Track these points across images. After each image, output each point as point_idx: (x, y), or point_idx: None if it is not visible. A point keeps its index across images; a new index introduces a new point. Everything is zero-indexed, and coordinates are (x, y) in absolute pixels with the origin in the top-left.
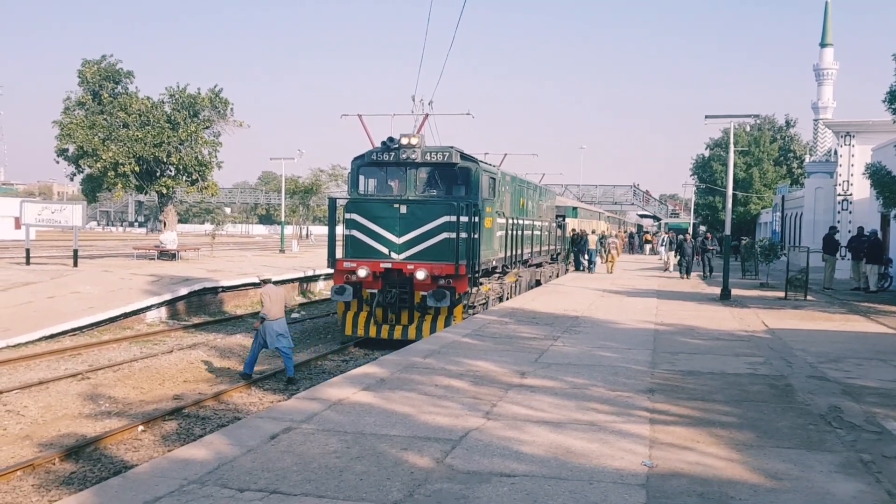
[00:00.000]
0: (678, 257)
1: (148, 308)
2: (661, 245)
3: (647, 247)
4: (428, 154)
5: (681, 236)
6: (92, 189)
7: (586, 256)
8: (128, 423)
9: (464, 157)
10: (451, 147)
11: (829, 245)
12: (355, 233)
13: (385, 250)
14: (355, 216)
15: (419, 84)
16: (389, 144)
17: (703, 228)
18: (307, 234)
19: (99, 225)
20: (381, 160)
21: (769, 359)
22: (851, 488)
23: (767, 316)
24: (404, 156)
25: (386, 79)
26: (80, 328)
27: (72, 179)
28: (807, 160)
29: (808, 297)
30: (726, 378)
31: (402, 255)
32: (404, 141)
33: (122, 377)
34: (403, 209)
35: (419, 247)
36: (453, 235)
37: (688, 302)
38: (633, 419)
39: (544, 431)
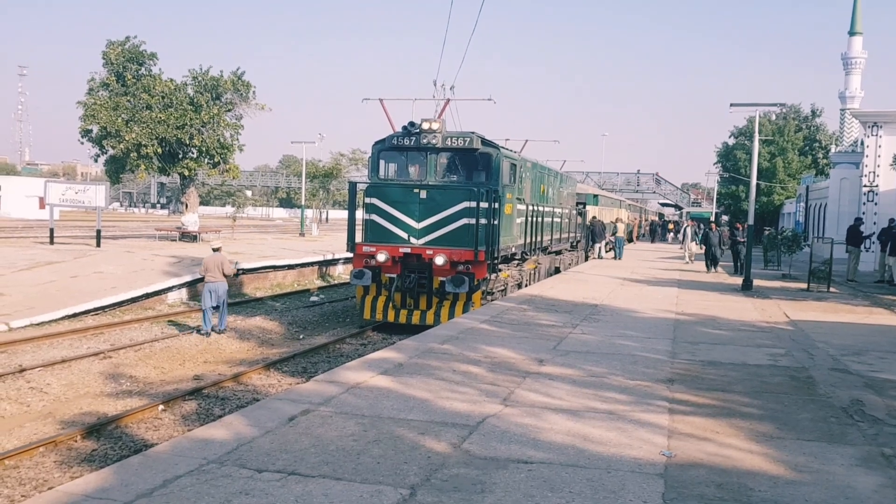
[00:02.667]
0: (703, 248)
1: (169, 289)
2: (682, 234)
3: (669, 235)
4: (449, 139)
5: (704, 226)
6: (115, 170)
7: (603, 244)
8: (148, 402)
9: (485, 142)
10: (473, 132)
11: (854, 236)
12: (375, 217)
13: (404, 235)
14: (375, 201)
15: (441, 69)
16: (410, 129)
17: (725, 218)
18: (326, 218)
19: (122, 206)
20: (401, 145)
21: (791, 350)
22: (872, 482)
23: (789, 307)
24: (425, 141)
25: (408, 63)
26: (103, 308)
27: (96, 160)
28: (832, 150)
29: (832, 289)
30: (747, 369)
31: (422, 241)
32: (425, 126)
33: (143, 357)
34: (423, 194)
35: (439, 232)
36: (473, 221)
37: (709, 292)
38: (651, 409)
39: (562, 419)
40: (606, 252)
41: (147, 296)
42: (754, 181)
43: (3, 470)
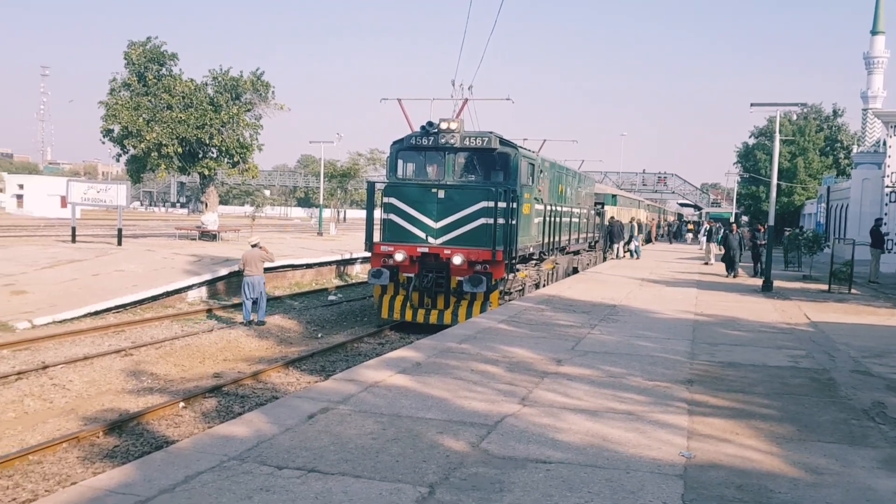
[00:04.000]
0: (722, 251)
1: (189, 287)
2: (703, 235)
3: (689, 235)
4: (467, 139)
5: (724, 227)
6: (136, 169)
7: (621, 244)
8: (169, 399)
9: (503, 142)
10: (491, 132)
11: (876, 238)
12: (393, 217)
13: (422, 235)
14: (393, 200)
15: (459, 69)
16: (428, 129)
17: (745, 219)
18: (344, 218)
19: (142, 205)
20: (419, 144)
21: (811, 352)
22: (894, 485)
23: (810, 308)
24: (443, 140)
25: (426, 63)
26: (124, 305)
27: (117, 160)
28: (854, 150)
29: (853, 291)
30: (767, 370)
31: (440, 240)
32: (443, 125)
33: (164, 354)
34: (441, 194)
35: (456, 232)
36: (491, 221)
37: (728, 293)
38: (671, 409)
39: (581, 419)
40: (624, 252)
41: (167, 294)
42: (775, 181)
43: (28, 465)
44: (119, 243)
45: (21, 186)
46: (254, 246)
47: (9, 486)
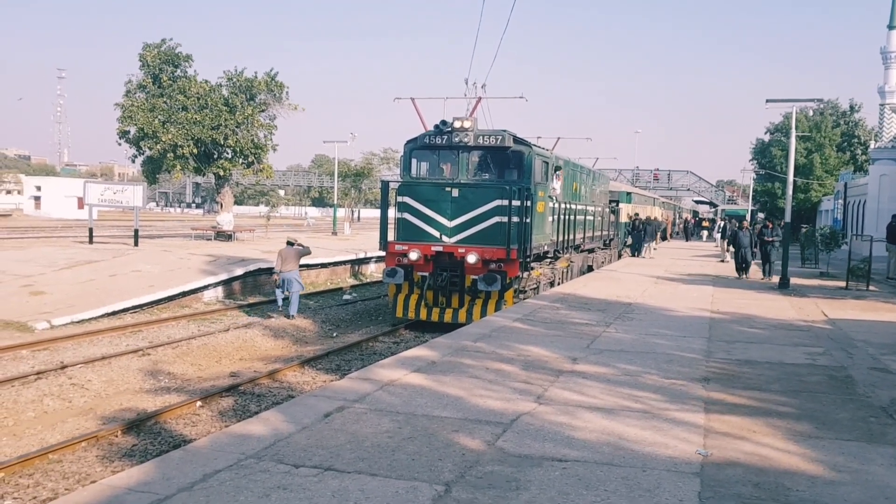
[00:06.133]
0: (731, 249)
1: (205, 287)
2: (717, 232)
3: (704, 233)
4: (481, 137)
5: (735, 224)
6: (152, 170)
7: (653, 244)
8: (186, 398)
9: (517, 140)
10: (504, 130)
11: (893, 234)
12: (407, 216)
13: (436, 233)
14: (407, 199)
15: (472, 67)
16: (442, 128)
17: (761, 216)
18: (358, 217)
19: (158, 206)
20: (433, 143)
21: (829, 349)
22: None
23: (827, 306)
24: (457, 139)
25: (439, 62)
26: (141, 306)
27: (133, 161)
28: (871, 146)
29: (871, 287)
30: (784, 368)
31: (454, 239)
32: (457, 124)
33: (181, 354)
34: (455, 192)
35: (471, 230)
36: (505, 219)
37: (745, 290)
38: (687, 407)
39: (596, 417)
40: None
41: (184, 294)
42: (791, 178)
43: (48, 464)
44: (136, 244)
45: (39, 188)
46: (290, 244)
47: (29, 484)
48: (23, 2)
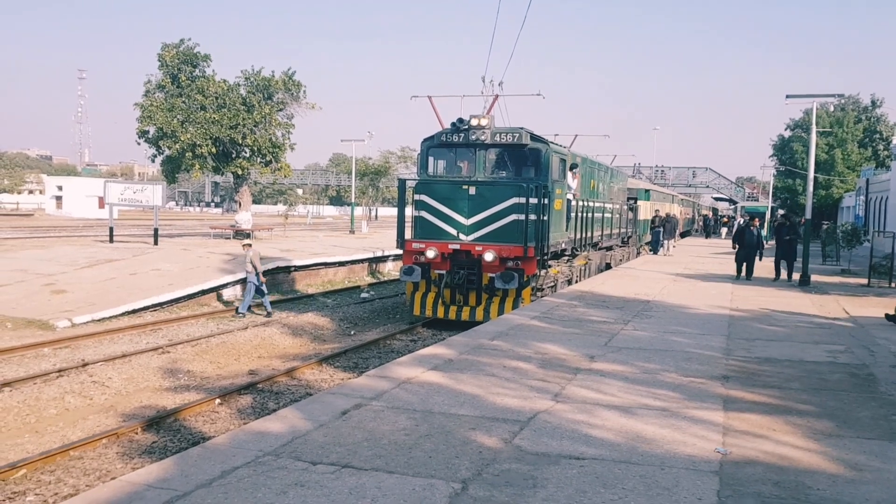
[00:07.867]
0: (736, 248)
1: (224, 286)
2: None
3: (724, 230)
4: (498, 135)
5: (740, 221)
6: (171, 170)
7: (672, 241)
8: (205, 396)
9: (534, 137)
10: (521, 128)
11: None
12: (424, 214)
13: (454, 231)
14: (424, 197)
15: (489, 65)
16: (459, 126)
17: (780, 213)
18: (375, 216)
19: (177, 205)
20: (450, 141)
21: (850, 347)
22: None
23: (849, 303)
24: (474, 137)
25: (456, 61)
26: (160, 304)
27: (152, 161)
28: (894, 142)
29: (893, 285)
30: (804, 366)
31: (471, 237)
32: (474, 122)
33: (200, 352)
34: (472, 190)
35: (488, 228)
36: (522, 217)
37: (765, 287)
38: (706, 406)
39: (614, 416)
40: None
41: (203, 292)
42: (812, 174)
43: (69, 461)
44: (155, 243)
45: (60, 188)
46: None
47: (51, 480)
48: (44, 3)
